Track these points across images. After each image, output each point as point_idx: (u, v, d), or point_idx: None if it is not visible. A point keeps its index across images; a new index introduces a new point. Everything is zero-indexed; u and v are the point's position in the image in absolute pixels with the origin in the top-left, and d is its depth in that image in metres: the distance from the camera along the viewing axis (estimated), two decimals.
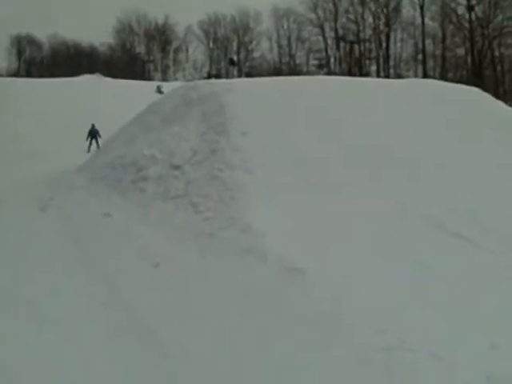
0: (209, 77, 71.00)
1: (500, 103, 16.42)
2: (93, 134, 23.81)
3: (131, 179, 10.85)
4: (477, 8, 64.74)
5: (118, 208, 9.90)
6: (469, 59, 65.72)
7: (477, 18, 64.13)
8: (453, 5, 66.15)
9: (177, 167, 10.37)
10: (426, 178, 10.04)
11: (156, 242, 8.15)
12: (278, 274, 6.45)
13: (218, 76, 71.72)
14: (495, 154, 11.50)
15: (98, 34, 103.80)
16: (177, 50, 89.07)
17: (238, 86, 13.14)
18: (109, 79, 51.60)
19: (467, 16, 65.03)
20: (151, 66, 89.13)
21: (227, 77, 72.58)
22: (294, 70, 70.49)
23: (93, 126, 24.07)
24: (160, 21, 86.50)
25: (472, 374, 4.78)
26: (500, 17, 63.72)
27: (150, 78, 74.52)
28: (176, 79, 73.40)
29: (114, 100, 33.73)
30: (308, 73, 67.38)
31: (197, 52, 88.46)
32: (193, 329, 5.61)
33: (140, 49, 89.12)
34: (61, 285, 6.76)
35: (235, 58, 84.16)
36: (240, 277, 6.59)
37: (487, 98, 16.06)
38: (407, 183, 9.74)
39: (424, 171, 10.27)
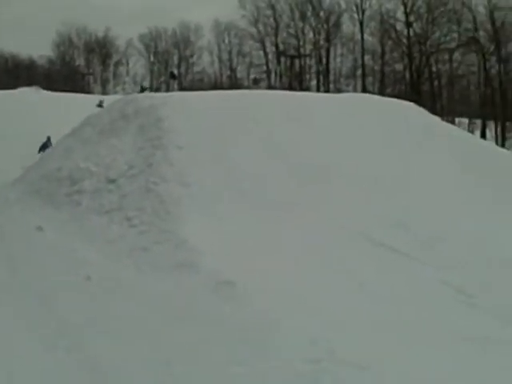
0: (142, 90, 70.63)
1: (435, 118, 16.74)
2: (46, 147, 23.29)
3: (66, 192, 10.72)
4: (415, 24, 65.92)
5: (51, 222, 9.76)
6: (407, 74, 66.78)
7: (415, 34, 65.26)
8: (392, 21, 67.24)
9: (112, 181, 10.29)
10: (361, 191, 10.16)
11: (90, 256, 8.06)
12: (211, 289, 6.44)
13: (157, 89, 71.49)
14: (428, 167, 11.72)
15: (37, 47, 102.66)
16: (117, 64, 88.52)
17: (176, 100, 13.11)
18: (47, 92, 50.91)
19: (405, 32, 66.13)
20: (91, 79, 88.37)
21: (168, 90, 72.36)
22: (235, 84, 70.59)
23: (48, 138, 23.64)
24: (100, 34, 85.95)
25: None
26: (437, 33, 65.01)
27: (89, 91, 73.80)
28: (116, 92, 72.85)
29: (53, 113, 33.29)
30: (249, 87, 67.54)
31: (137, 65, 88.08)
32: (125, 343, 5.56)
33: (80, 62, 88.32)
34: None
35: (176, 71, 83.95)
36: (173, 291, 6.57)
37: (423, 112, 16.33)
38: (344, 198, 9.86)
39: (359, 185, 10.39)
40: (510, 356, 5.73)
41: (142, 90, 71.16)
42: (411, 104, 16.80)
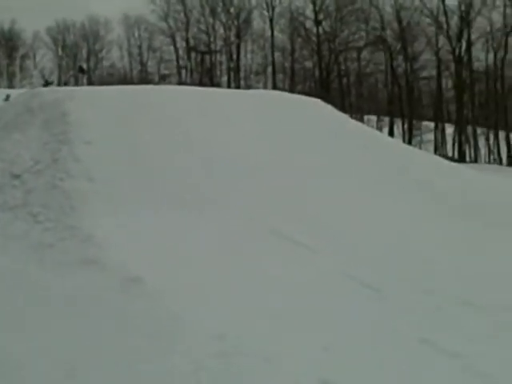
0: (46, 84, 69.30)
1: (342, 114, 17.05)
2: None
3: None
4: (324, 23, 66.81)
5: None
6: (316, 72, 67.59)
7: (324, 32, 66.13)
8: (301, 18, 67.98)
9: (16, 176, 10.03)
10: (271, 187, 10.23)
11: None
12: (118, 285, 6.37)
13: (66, 84, 70.32)
14: (334, 163, 11.88)
15: None
16: (24, 57, 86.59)
17: (83, 94, 12.90)
18: None
19: (315, 30, 66.95)
20: None
21: (77, 85, 71.25)
22: (146, 79, 70.11)
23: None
24: (6, 26, 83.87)
25: (305, 377, 4.90)
26: (346, 32, 66.11)
27: None
28: (23, 87, 71.25)
29: None
30: (159, 82, 67.11)
31: (45, 59, 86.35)
32: (26, 340, 5.45)
33: None
34: None
35: (85, 66, 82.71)
36: (78, 288, 6.46)
37: (329, 109, 16.56)
38: (254, 193, 9.89)
39: (269, 180, 10.45)
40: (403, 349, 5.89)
41: (47, 84, 69.83)
42: (318, 100, 16.99)
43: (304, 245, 8.38)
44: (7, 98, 43.22)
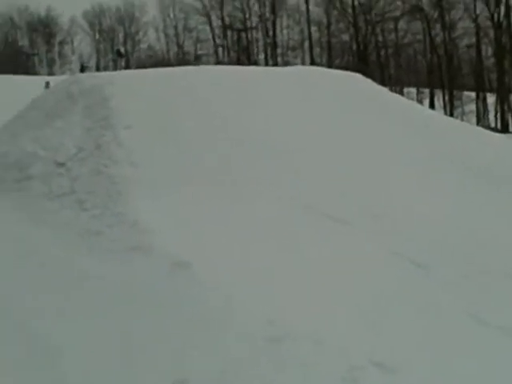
0: (82, 68, 69.86)
1: (382, 89, 16.87)
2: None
3: (14, 178, 10.51)
4: None
5: (1, 209, 9.58)
6: (354, 45, 67.14)
7: (360, 3, 65.59)
8: None
9: (61, 164, 10.12)
10: (312, 165, 10.18)
11: (42, 242, 7.93)
12: (166, 270, 6.39)
13: (105, 68, 70.73)
14: (374, 139, 11.77)
15: None
16: (62, 43, 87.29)
17: (121, 79, 12.94)
18: None
19: (350, 2, 66.41)
20: (36, 60, 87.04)
21: (115, 69, 71.69)
22: (183, 60, 70.23)
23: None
24: (43, 13, 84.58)
25: (357, 358, 4.89)
26: (382, 2, 65.42)
27: (35, 73, 72.74)
28: (63, 73, 71.87)
29: None
30: (195, 63, 67.16)
31: (82, 44, 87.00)
32: (73, 326, 5.52)
33: (23, 42, 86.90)
34: None
35: (122, 49, 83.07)
36: (127, 274, 6.50)
37: (369, 83, 16.41)
38: (294, 173, 9.85)
39: (310, 159, 10.40)
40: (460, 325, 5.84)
41: (83, 68, 70.39)
42: (357, 75, 16.85)
43: (345, 222, 8.35)
44: (47, 85, 43.66)
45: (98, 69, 78.37)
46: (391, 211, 8.93)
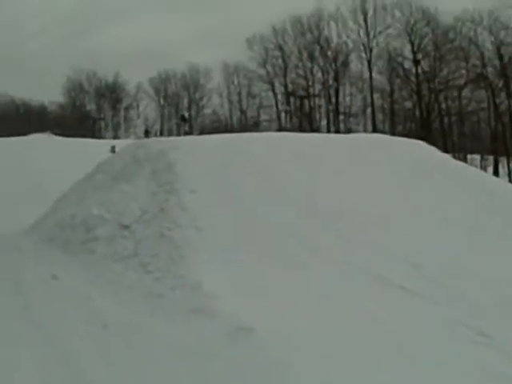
0: (146, 133, 71.27)
1: (445, 156, 16.80)
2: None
3: (80, 240, 10.77)
4: (423, 62, 66.44)
5: (66, 270, 9.77)
6: (417, 112, 67.03)
7: (423, 71, 65.68)
8: (399, 59, 67.78)
9: (126, 227, 10.33)
10: (372, 232, 10.14)
11: (105, 303, 8.06)
12: (229, 335, 6.41)
13: (169, 133, 72.00)
14: (437, 207, 11.70)
15: (48, 93, 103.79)
16: (128, 108, 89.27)
17: (186, 144, 13.22)
18: (60, 138, 51.24)
19: (414, 70, 66.57)
20: (102, 124, 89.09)
21: (179, 133, 72.85)
22: (246, 126, 70.98)
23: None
24: (110, 79, 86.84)
25: None
26: (445, 70, 65.33)
27: (100, 136, 74.38)
28: (128, 137, 73.34)
29: (66, 159, 33.45)
30: (259, 128, 67.84)
31: (148, 109, 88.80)
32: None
33: (90, 107, 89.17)
34: (11, 355, 6.59)
35: (186, 114, 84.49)
36: (189, 338, 6.54)
37: (431, 150, 16.36)
38: (357, 240, 9.83)
39: (370, 226, 10.36)
40: None
41: (147, 132, 71.85)
42: (421, 142, 16.85)
43: (409, 290, 8.25)
44: (113, 149, 44.54)
45: (162, 133, 79.70)
46: (456, 279, 8.83)
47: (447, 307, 7.76)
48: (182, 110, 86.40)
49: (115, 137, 76.53)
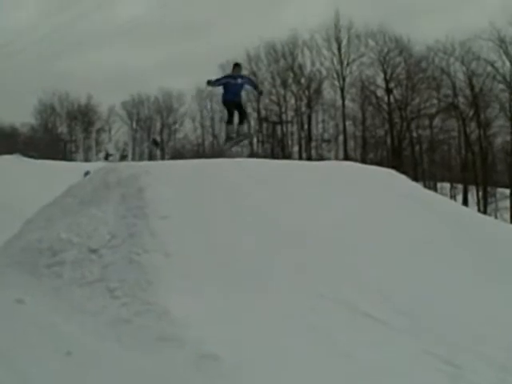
0: (106, 157, 71.18)
1: (414, 185, 16.96)
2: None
3: (47, 264, 10.60)
4: (395, 91, 67.21)
5: (32, 294, 9.60)
6: (388, 140, 67.61)
7: (395, 100, 66.38)
8: (372, 87, 68.53)
9: (94, 251, 10.20)
10: (338, 259, 10.13)
11: (71, 329, 7.93)
12: (194, 362, 6.34)
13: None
14: (407, 234, 11.73)
15: (18, 114, 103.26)
16: (99, 131, 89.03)
17: (157, 169, 13.14)
18: (29, 160, 50.75)
19: (386, 98, 67.23)
20: (73, 147, 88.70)
21: (150, 157, 72.73)
22: (218, 151, 70.96)
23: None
24: (83, 101, 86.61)
25: None
26: (417, 99, 66.19)
27: (71, 159, 74.02)
28: (98, 160, 73.03)
29: (35, 182, 33.18)
30: (231, 154, 67.73)
31: (120, 132, 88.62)
32: None
33: (62, 129, 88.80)
34: None
35: (158, 138, 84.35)
36: (155, 365, 6.46)
37: (402, 179, 16.47)
38: (321, 265, 9.81)
39: (340, 253, 10.35)
40: None
41: (107, 156, 71.72)
42: (391, 171, 16.94)
43: (376, 319, 8.25)
44: (86, 174, 44.18)
45: (133, 157, 79.54)
46: (425, 310, 8.83)
47: (415, 337, 7.76)
48: (155, 133, 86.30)
49: (86, 159, 76.23)
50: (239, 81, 17.22)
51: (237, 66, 18.14)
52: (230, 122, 17.84)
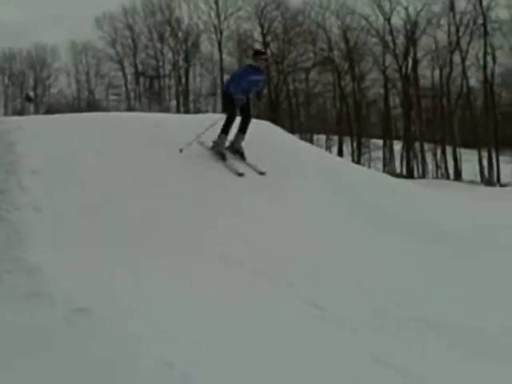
0: None
1: (290, 136, 17.27)
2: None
3: None
4: (272, 45, 67.57)
5: None
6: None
7: (272, 54, 66.72)
8: (249, 41, 68.61)
9: None
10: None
11: None
12: (64, 317, 6.28)
13: (16, 111, 69.90)
14: (283, 186, 12.02)
15: None
16: None
17: (30, 124, 12.83)
18: None
19: None
20: None
21: (23, 113, 70.62)
22: (94, 106, 69.73)
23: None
24: None
25: None
26: (294, 53, 66.92)
27: None
28: None
29: None
30: (107, 108, 66.76)
31: None
32: None
33: None
34: None
35: (32, 93, 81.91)
36: (26, 321, 6.34)
37: (279, 131, 16.71)
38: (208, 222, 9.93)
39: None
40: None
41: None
42: (268, 123, 17.12)
43: (245, 266, 8.46)
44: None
45: (6, 113, 77.09)
46: (296, 258, 9.08)
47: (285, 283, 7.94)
48: (28, 89, 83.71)
49: None
50: (260, 78, 13.69)
51: (263, 54, 14.55)
52: (226, 131, 13.50)
